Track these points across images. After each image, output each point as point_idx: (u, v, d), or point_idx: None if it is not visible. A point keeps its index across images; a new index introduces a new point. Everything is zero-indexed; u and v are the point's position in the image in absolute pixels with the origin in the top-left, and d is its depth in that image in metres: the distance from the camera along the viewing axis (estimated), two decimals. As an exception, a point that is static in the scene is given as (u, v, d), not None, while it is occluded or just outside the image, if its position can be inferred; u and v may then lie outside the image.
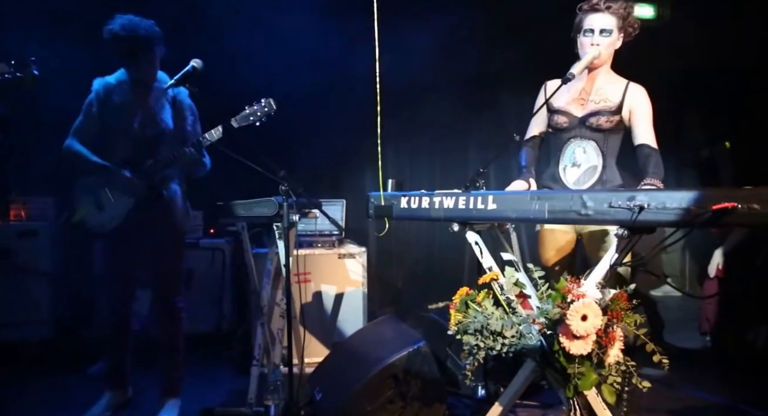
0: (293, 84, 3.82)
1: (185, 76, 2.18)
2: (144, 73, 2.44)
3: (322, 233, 3.44)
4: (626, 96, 2.18)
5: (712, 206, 1.35)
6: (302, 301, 3.08)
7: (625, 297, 1.69)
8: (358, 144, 3.88)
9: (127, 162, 2.43)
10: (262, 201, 2.44)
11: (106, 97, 2.45)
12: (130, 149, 2.44)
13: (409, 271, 4.38)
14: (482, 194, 1.86)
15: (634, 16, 2.20)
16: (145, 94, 2.47)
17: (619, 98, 2.18)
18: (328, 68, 3.89)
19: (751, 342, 3.28)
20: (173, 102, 2.51)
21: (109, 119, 2.45)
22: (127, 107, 2.44)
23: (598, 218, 1.60)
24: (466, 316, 1.90)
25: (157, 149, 2.46)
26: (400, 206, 2.09)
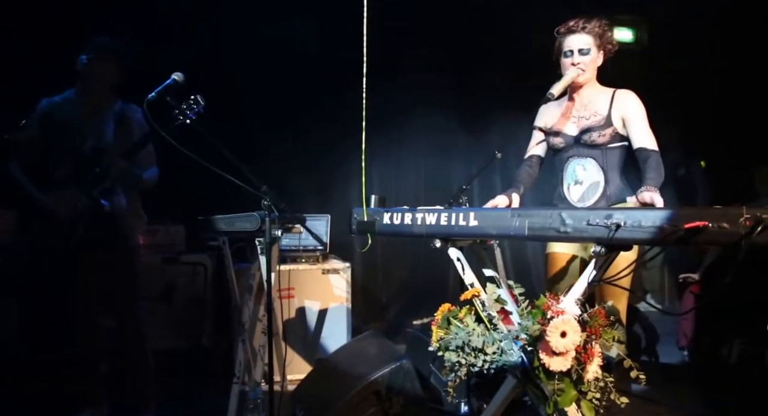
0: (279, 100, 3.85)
1: (166, 90, 2.18)
2: (89, 90, 2.49)
3: (306, 248, 3.44)
4: (613, 105, 2.19)
5: (684, 224, 1.38)
6: (285, 317, 3.07)
7: (603, 314, 1.72)
8: (344, 159, 3.90)
9: (70, 177, 2.43)
10: (244, 216, 2.44)
11: (50, 115, 2.48)
12: (72, 164, 2.45)
13: (394, 287, 4.40)
14: (464, 211, 1.88)
15: (611, 35, 2.25)
16: (89, 112, 2.50)
17: (606, 109, 2.20)
18: (313, 84, 3.93)
19: (726, 357, 3.34)
20: (120, 118, 2.54)
21: (52, 136, 2.47)
22: (69, 124, 2.47)
23: (577, 235, 1.63)
24: (448, 332, 1.91)
25: (99, 163, 2.45)
26: (383, 222, 2.10)
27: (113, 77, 2.51)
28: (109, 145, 2.49)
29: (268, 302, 2.22)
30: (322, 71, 3.88)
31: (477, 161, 4.40)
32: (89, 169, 2.43)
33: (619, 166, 2.22)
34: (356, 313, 3.70)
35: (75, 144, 2.45)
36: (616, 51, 2.27)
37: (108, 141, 2.49)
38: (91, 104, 2.51)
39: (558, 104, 2.34)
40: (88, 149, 2.47)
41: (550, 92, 2.05)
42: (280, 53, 3.78)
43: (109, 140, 2.49)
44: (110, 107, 2.52)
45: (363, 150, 2.10)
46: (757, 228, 1.29)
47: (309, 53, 3.83)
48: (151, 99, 2.20)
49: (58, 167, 2.46)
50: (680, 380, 3.42)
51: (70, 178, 2.43)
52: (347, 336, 3.33)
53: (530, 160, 2.40)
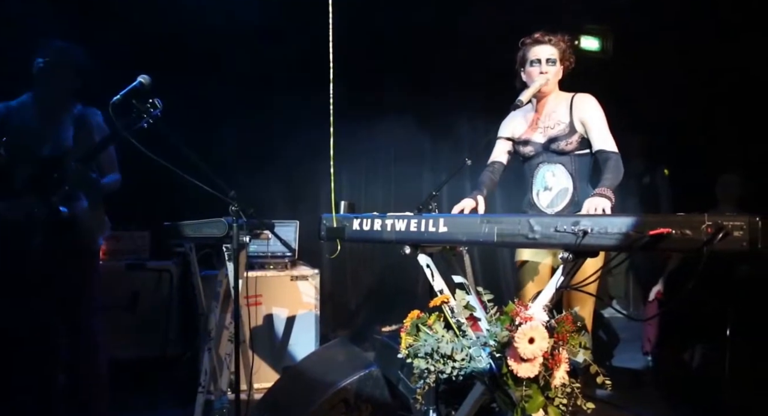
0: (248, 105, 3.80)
1: (132, 92, 2.12)
2: (46, 95, 2.42)
3: (275, 254, 3.39)
4: (573, 110, 2.23)
5: (648, 231, 1.41)
6: (252, 324, 3.01)
7: (570, 320, 1.73)
8: (313, 165, 3.88)
9: (28, 184, 2.35)
10: (211, 222, 2.39)
11: (6, 120, 2.40)
12: (31, 169, 2.37)
13: (363, 293, 4.37)
14: (433, 217, 1.88)
15: (571, 51, 2.30)
16: (47, 116, 2.43)
17: (567, 116, 2.23)
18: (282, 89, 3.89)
19: (688, 362, 3.42)
20: (79, 122, 2.47)
21: (9, 141, 2.37)
22: (26, 129, 2.39)
23: (545, 242, 1.64)
24: (417, 339, 1.90)
25: (58, 168, 2.37)
26: (352, 228, 2.09)
27: (71, 81, 2.43)
28: (69, 150, 2.40)
29: (235, 309, 2.18)
30: (290, 76, 3.85)
31: (447, 168, 4.43)
32: (48, 175, 2.35)
33: (587, 172, 2.25)
34: (325, 320, 3.66)
35: (33, 149, 2.37)
36: (573, 68, 2.32)
37: (67, 146, 2.41)
38: (49, 109, 2.43)
39: (523, 114, 2.37)
40: (46, 154, 2.38)
41: (519, 100, 2.07)
42: (248, 57, 3.74)
43: (68, 145, 2.41)
44: (69, 111, 2.44)
45: (332, 156, 2.07)
46: (717, 235, 1.31)
47: (276, 57, 3.79)
48: (116, 102, 2.14)
49: (15, 174, 2.36)
50: (644, 385, 3.48)
51: (27, 184, 2.34)
52: (315, 344, 3.28)
53: (492, 166, 2.43)
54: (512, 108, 2.11)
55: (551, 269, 2.31)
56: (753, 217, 1.31)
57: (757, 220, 1.30)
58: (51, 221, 2.33)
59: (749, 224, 1.30)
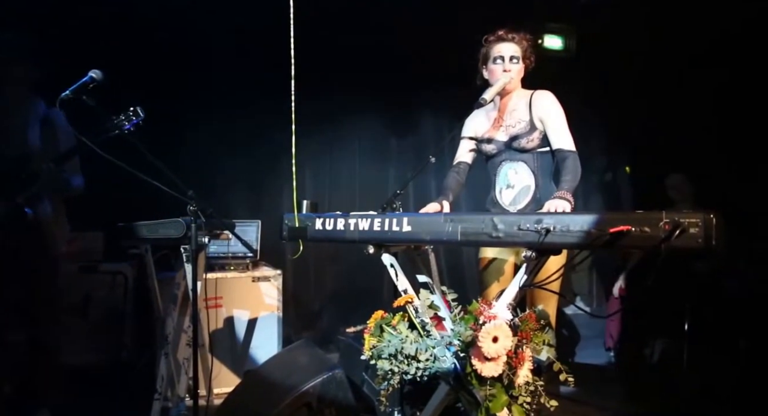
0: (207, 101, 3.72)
1: (82, 88, 2.05)
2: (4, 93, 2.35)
3: (235, 255, 3.32)
4: (532, 108, 2.25)
5: (609, 229, 1.44)
6: (212, 328, 2.94)
7: (534, 318, 1.75)
8: (275, 164, 3.82)
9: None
10: (168, 222, 2.33)
11: None
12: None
13: (327, 294, 4.34)
14: (397, 216, 1.88)
15: (532, 50, 2.33)
16: (8, 115, 2.35)
17: (527, 114, 2.26)
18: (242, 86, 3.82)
19: (648, 357, 3.53)
20: (44, 122, 2.42)
21: None
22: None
23: (509, 240, 1.66)
24: (381, 340, 1.90)
25: (23, 168, 2.32)
26: (315, 228, 2.07)
27: (27, 76, 2.34)
28: (35, 150, 2.35)
29: (193, 312, 2.13)
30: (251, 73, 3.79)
31: (413, 166, 4.44)
32: (13, 175, 2.29)
33: (549, 169, 2.28)
34: (288, 322, 3.62)
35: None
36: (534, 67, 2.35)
37: (33, 146, 2.36)
38: (9, 107, 2.35)
39: (485, 113, 2.39)
40: (11, 153, 2.31)
41: (483, 98, 2.09)
42: (208, 54, 3.66)
43: (34, 144, 2.36)
44: (33, 110, 2.38)
45: (293, 155, 2.05)
46: (675, 232, 1.35)
47: (237, 54, 3.73)
48: (65, 97, 2.08)
49: None
50: (607, 380, 3.57)
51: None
52: (278, 346, 3.24)
53: (458, 167, 2.44)
54: (475, 106, 2.12)
55: (515, 267, 2.34)
56: (708, 214, 1.35)
57: (712, 217, 1.34)
58: (15, 222, 2.26)
59: (704, 220, 1.34)
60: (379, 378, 1.89)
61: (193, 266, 2.18)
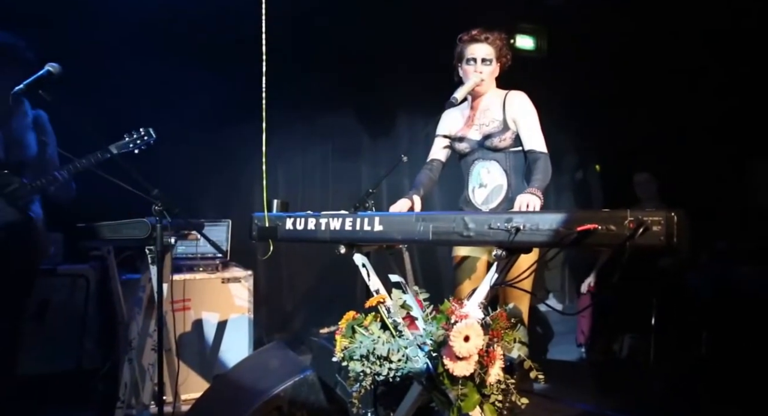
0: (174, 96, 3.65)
1: (39, 82, 1.99)
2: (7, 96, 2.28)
3: (204, 256, 3.28)
4: (506, 108, 2.29)
5: (577, 227, 1.47)
6: (180, 331, 2.90)
7: (505, 316, 1.78)
8: (246, 161, 3.77)
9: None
10: (131, 222, 2.29)
11: None
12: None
13: (300, 295, 4.30)
14: (369, 216, 1.88)
15: (508, 49, 2.36)
16: (6, 117, 2.30)
17: (501, 113, 2.29)
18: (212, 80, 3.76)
19: (618, 352, 3.63)
20: (35, 125, 2.41)
21: None
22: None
23: (479, 239, 1.68)
24: (352, 341, 1.90)
25: (22, 173, 2.31)
26: (286, 228, 2.06)
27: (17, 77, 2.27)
28: (33, 155, 2.35)
29: (159, 315, 2.10)
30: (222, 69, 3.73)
31: (387, 164, 4.44)
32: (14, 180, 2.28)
33: (522, 169, 2.31)
34: (259, 324, 3.58)
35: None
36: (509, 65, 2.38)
37: (31, 152, 2.36)
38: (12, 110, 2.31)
39: (459, 111, 2.42)
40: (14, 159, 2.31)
41: (454, 97, 2.11)
42: (176, 46, 3.58)
43: (32, 151, 2.36)
44: (25, 113, 2.36)
45: (264, 153, 2.02)
46: (638, 230, 1.39)
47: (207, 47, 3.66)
48: (19, 91, 2.02)
49: None
50: (578, 376, 3.65)
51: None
52: (249, 349, 3.20)
53: (431, 164, 2.46)
54: (447, 106, 2.14)
55: (487, 265, 2.37)
56: (669, 212, 1.39)
57: (673, 215, 1.38)
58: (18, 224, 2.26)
59: (666, 219, 1.38)
60: (351, 379, 1.89)
61: (159, 268, 2.14)
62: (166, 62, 3.53)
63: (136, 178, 2.05)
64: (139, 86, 3.44)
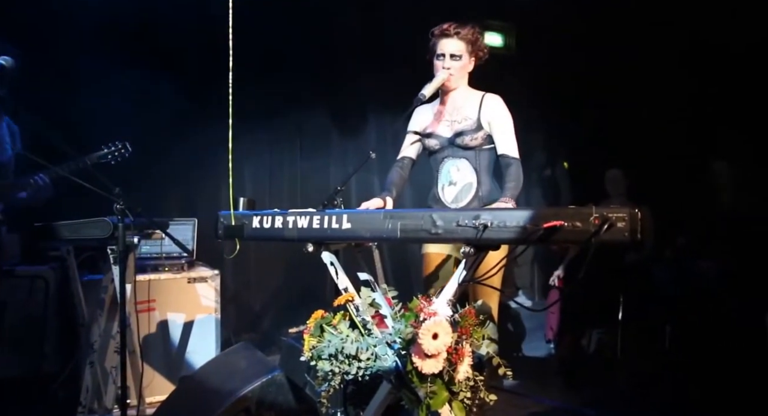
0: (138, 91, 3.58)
1: None
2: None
3: (170, 255, 3.22)
4: (482, 109, 2.30)
5: (543, 224, 1.50)
6: (145, 332, 2.85)
7: (474, 313, 1.80)
8: (214, 159, 3.72)
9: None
10: (92, 222, 2.24)
11: None
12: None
13: (268, 294, 4.28)
14: (336, 213, 1.88)
15: (483, 42, 2.36)
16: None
17: (476, 113, 2.30)
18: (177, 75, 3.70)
19: (586, 347, 3.72)
20: (11, 130, 2.44)
21: None
22: None
23: (448, 236, 1.69)
24: (321, 340, 1.90)
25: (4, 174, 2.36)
26: (252, 226, 2.04)
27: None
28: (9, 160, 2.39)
29: (121, 317, 2.06)
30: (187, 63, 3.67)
31: (356, 161, 4.44)
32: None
33: (490, 167, 2.34)
34: (226, 324, 3.55)
35: None
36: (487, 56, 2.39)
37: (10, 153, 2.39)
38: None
39: (431, 107, 2.43)
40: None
41: (422, 93, 2.12)
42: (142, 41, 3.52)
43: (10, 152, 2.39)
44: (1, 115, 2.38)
45: (230, 149, 2.00)
46: (603, 226, 1.42)
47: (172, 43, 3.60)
48: None
49: None
50: (547, 372, 3.73)
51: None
52: (216, 350, 3.17)
53: (402, 161, 2.47)
54: (415, 102, 2.15)
55: (456, 261, 2.39)
56: (633, 209, 1.43)
57: (637, 212, 1.42)
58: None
59: (630, 215, 1.42)
60: (320, 379, 1.89)
61: (121, 268, 2.10)
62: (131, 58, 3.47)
63: (97, 176, 2.02)
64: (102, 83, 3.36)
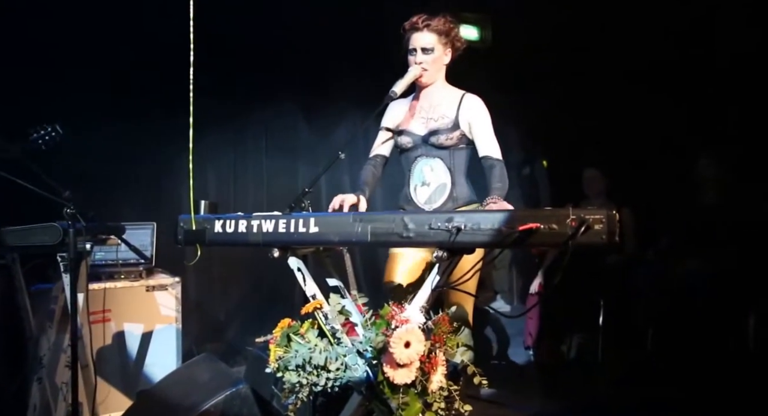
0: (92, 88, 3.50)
1: None
2: None
3: (126, 262, 3.15)
4: (461, 109, 2.31)
5: (519, 226, 1.50)
6: (99, 345, 2.78)
7: (447, 320, 1.80)
8: (175, 160, 3.66)
9: None
10: (40, 227, 2.18)
11: None
12: None
13: (234, 302, 4.21)
14: (303, 217, 1.86)
15: (458, 32, 2.35)
16: None
17: (454, 113, 2.30)
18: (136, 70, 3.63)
19: (566, 353, 3.76)
20: None
21: None
22: None
23: (420, 240, 1.69)
24: (288, 350, 1.88)
25: None
26: (214, 231, 2.00)
27: None
28: None
29: (73, 328, 2.01)
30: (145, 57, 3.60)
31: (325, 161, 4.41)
32: None
33: (465, 167, 2.35)
34: (188, 335, 3.48)
35: None
36: (465, 49, 2.38)
37: None
38: None
39: (406, 102, 2.43)
40: None
41: (393, 91, 2.12)
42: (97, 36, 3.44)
43: None
44: None
45: (191, 149, 1.96)
46: (580, 229, 1.44)
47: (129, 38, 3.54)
48: None
49: None
50: (526, 379, 3.76)
51: None
52: (177, 362, 3.12)
53: (374, 159, 2.47)
54: (386, 100, 2.15)
55: (425, 262, 2.38)
56: (611, 210, 1.45)
57: (614, 213, 1.44)
58: None
59: (607, 217, 1.43)
60: (287, 391, 1.87)
61: (72, 277, 2.05)
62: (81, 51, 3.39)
63: (44, 179, 1.96)
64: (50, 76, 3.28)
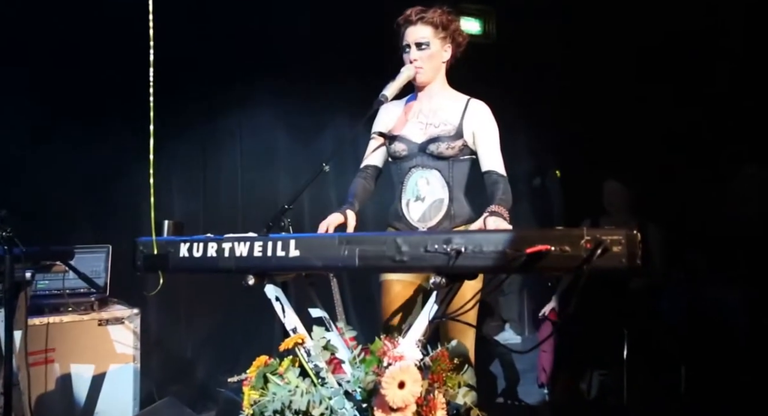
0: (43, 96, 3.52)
1: None
2: None
3: (75, 291, 3.14)
4: (465, 117, 2.33)
5: (526, 249, 1.51)
6: (40, 390, 2.76)
7: (447, 356, 1.81)
8: (131, 174, 3.66)
9: None
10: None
11: None
12: None
13: (202, 336, 4.20)
14: (282, 238, 1.86)
15: (457, 25, 2.37)
16: None
17: (458, 120, 2.32)
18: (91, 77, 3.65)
19: (586, 392, 3.75)
20: None
21: None
22: None
23: (415, 264, 1.70)
24: (264, 393, 1.87)
25: None
26: (179, 255, 2.00)
27: None
28: None
29: (7, 373, 1.99)
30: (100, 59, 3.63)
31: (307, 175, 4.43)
32: None
33: (465, 182, 2.37)
34: (149, 375, 3.46)
35: None
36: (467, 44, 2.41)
37: None
38: None
39: (401, 104, 2.45)
40: None
41: (383, 94, 2.14)
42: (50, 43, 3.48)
43: None
44: None
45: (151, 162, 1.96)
46: (596, 251, 1.45)
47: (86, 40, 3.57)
48: None
49: None
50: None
51: None
52: (134, 408, 3.10)
53: (365, 171, 2.48)
54: (375, 105, 2.17)
55: (423, 291, 2.39)
56: (631, 230, 1.46)
57: (636, 233, 1.45)
58: None
59: (627, 238, 1.44)
60: (262, 441, 1.86)
61: (8, 311, 2.04)
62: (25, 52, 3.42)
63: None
64: None
